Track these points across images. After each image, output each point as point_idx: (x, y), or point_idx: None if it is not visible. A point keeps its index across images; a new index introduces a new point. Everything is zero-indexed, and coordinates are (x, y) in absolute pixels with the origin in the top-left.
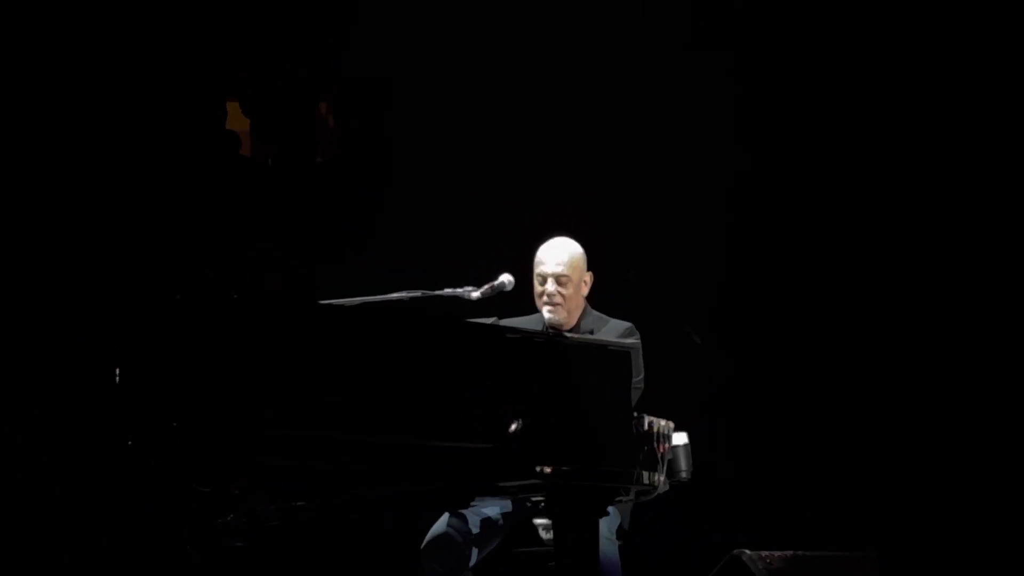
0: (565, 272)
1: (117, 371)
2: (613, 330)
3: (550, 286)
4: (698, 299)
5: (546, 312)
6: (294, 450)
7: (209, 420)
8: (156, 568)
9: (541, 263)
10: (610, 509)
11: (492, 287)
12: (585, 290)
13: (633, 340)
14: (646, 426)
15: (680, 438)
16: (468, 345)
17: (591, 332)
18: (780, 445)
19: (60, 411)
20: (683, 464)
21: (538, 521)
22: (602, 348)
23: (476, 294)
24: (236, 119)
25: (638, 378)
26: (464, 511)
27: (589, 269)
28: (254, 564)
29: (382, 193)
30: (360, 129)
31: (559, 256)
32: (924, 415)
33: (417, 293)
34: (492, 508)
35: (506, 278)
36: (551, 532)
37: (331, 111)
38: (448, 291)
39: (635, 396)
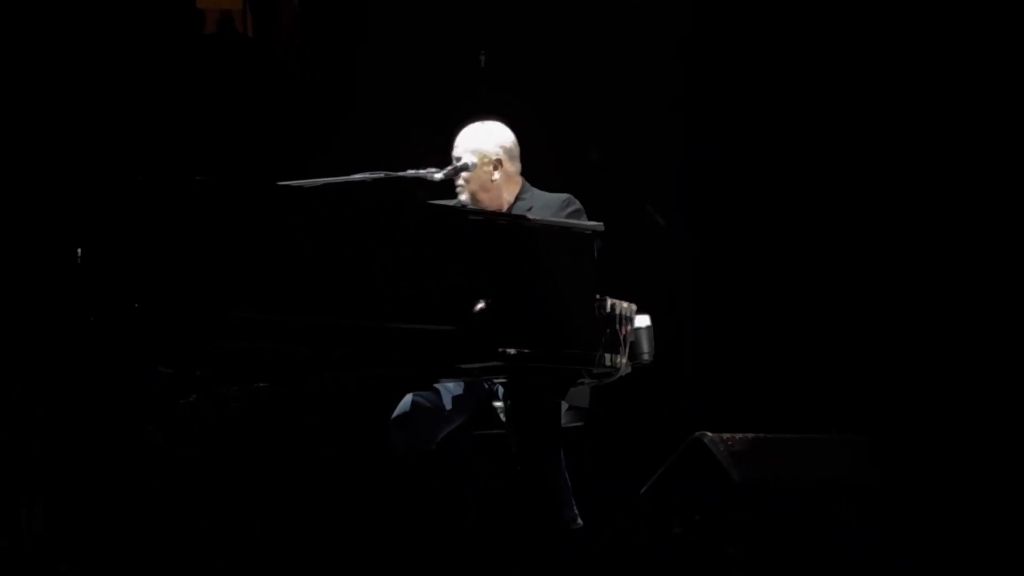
0: (458, 155)
1: (79, 251)
2: (550, 203)
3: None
4: (662, 179)
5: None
6: (256, 333)
7: (171, 302)
8: (119, 449)
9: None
10: None
11: (455, 168)
12: (492, 174)
13: (575, 211)
14: (608, 308)
15: (643, 320)
16: (430, 226)
17: (529, 209)
18: (746, 329)
19: (22, 290)
20: (645, 347)
21: (498, 404)
22: (564, 230)
23: (439, 175)
24: None
25: None
26: (436, 386)
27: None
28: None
29: (346, 75)
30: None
31: (460, 140)
32: (895, 298)
33: (380, 174)
34: (457, 387)
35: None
36: (509, 414)
37: None
38: (411, 172)
39: None
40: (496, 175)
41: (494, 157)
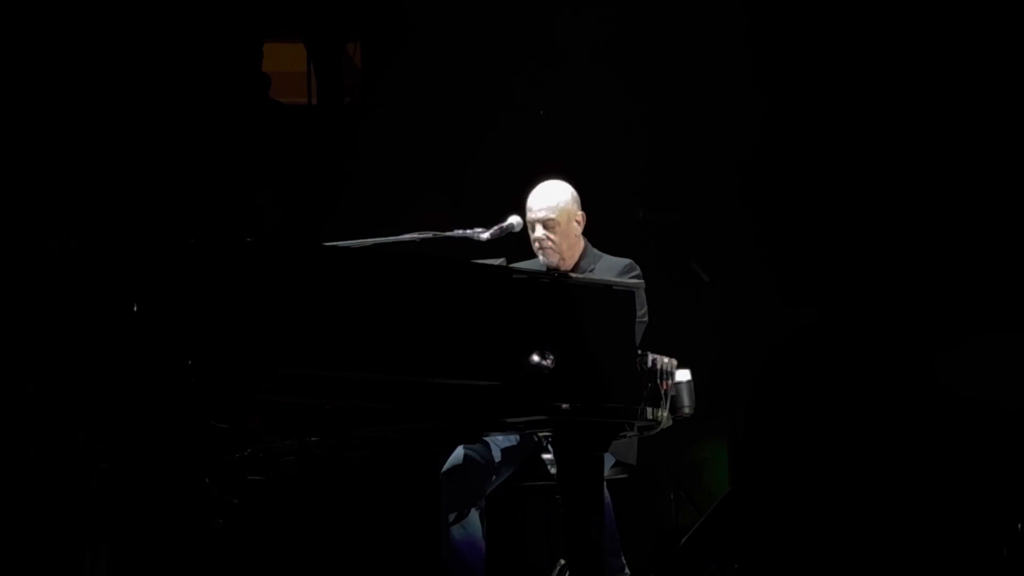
0: (551, 216)
1: (135, 307)
2: (612, 267)
3: (539, 231)
4: (707, 237)
5: (541, 257)
6: (307, 388)
7: (223, 359)
8: (176, 501)
9: (529, 210)
10: None
11: (501, 228)
12: (577, 229)
13: (635, 277)
14: (650, 363)
15: (683, 375)
16: (476, 286)
17: (591, 270)
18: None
19: (81, 346)
20: (686, 400)
21: (546, 456)
22: (606, 288)
23: (486, 235)
24: (271, 61)
25: (641, 311)
26: (485, 440)
27: (584, 208)
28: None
29: (397, 137)
30: (378, 71)
31: (544, 201)
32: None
33: (429, 234)
34: (507, 439)
35: (514, 219)
36: (557, 466)
37: (357, 52)
38: (459, 232)
39: (639, 330)
40: (578, 229)
41: (577, 211)
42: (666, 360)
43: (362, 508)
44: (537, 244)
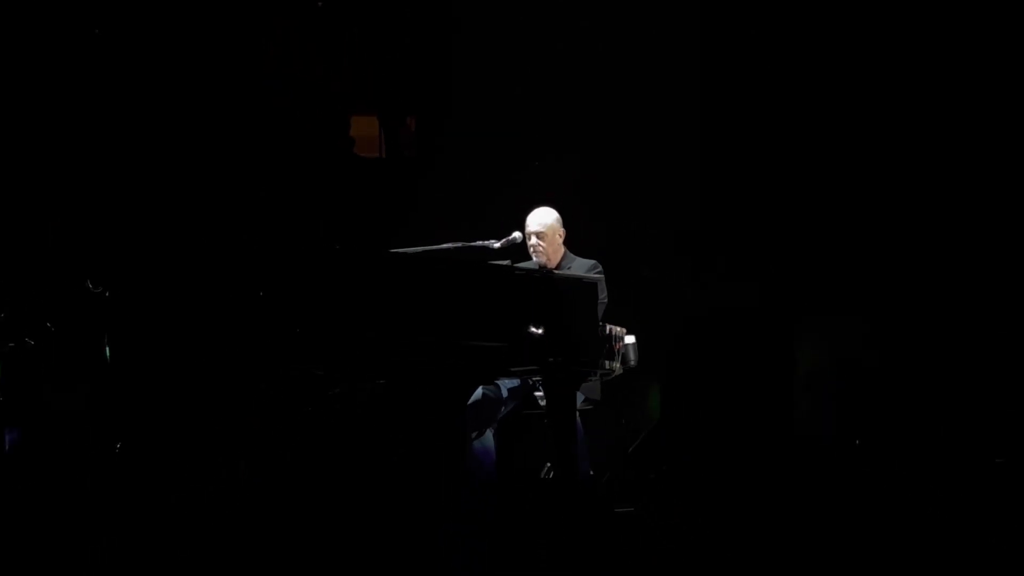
0: (541, 230)
1: (261, 293)
2: (583, 266)
3: (533, 240)
4: (654, 244)
5: (534, 258)
6: (376, 347)
7: (319, 327)
8: (286, 422)
9: (527, 226)
10: None
11: (508, 240)
12: (559, 240)
13: (599, 273)
14: (607, 331)
15: (630, 339)
16: (490, 278)
17: (569, 268)
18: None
19: (227, 316)
20: (631, 356)
21: (537, 393)
22: (579, 280)
23: (497, 245)
24: (354, 128)
25: (603, 296)
26: (496, 382)
27: (565, 226)
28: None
29: (438, 179)
30: (427, 135)
31: (537, 220)
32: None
33: (458, 244)
34: (512, 382)
35: (517, 234)
36: (545, 400)
37: (413, 121)
38: (479, 243)
39: (601, 309)
40: (560, 240)
41: (559, 228)
42: (618, 328)
43: (413, 429)
44: (532, 249)
